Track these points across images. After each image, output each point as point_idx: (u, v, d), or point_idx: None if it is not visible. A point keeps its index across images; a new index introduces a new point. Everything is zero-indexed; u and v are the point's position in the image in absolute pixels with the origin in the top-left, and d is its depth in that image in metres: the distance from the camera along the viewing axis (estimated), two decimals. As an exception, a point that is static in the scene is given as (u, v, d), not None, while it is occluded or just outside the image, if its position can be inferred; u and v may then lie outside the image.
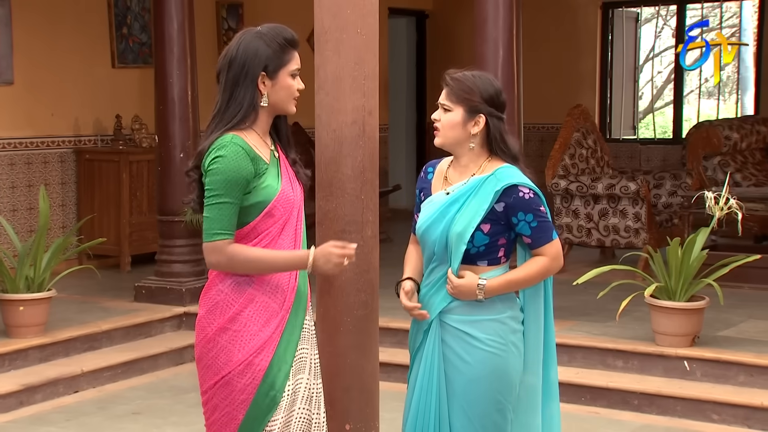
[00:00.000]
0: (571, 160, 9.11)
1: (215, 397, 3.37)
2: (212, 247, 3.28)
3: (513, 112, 6.78)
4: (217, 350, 3.34)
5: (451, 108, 3.44)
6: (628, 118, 13.30)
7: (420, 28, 13.42)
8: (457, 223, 3.41)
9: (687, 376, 6.24)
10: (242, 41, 3.36)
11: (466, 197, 3.43)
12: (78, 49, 9.14)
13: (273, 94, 3.36)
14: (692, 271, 6.31)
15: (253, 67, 3.32)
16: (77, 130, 9.18)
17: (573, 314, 7.24)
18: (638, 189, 8.47)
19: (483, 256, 3.44)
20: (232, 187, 3.25)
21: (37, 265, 6.69)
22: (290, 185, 3.40)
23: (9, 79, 8.64)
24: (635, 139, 13.17)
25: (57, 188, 9.03)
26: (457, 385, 3.45)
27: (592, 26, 12.73)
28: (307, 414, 3.44)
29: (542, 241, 3.43)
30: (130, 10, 9.54)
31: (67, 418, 6.05)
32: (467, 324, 3.44)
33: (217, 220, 3.26)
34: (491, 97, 3.44)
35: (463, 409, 3.44)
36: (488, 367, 3.42)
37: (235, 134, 3.30)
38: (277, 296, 3.36)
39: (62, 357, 6.74)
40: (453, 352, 3.45)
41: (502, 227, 3.42)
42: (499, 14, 6.69)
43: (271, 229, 3.34)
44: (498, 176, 3.42)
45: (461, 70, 3.49)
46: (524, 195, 3.39)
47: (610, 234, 8.69)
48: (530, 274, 3.45)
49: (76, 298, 7.84)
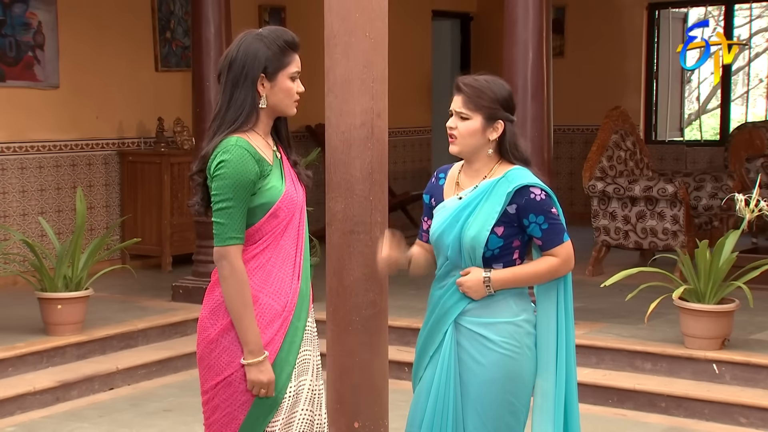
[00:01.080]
0: (609, 162, 9.09)
1: (216, 398, 3.39)
2: (225, 252, 3.30)
3: (542, 114, 6.80)
4: (220, 351, 3.37)
5: (469, 116, 3.43)
6: (674, 120, 13.21)
7: (464, 30, 13.45)
8: (471, 227, 3.42)
9: (716, 379, 6.22)
10: (243, 43, 3.39)
11: (478, 201, 3.44)
12: (122, 53, 9.32)
13: (272, 95, 3.38)
14: (721, 273, 6.28)
15: (252, 68, 3.34)
16: (121, 133, 9.37)
17: (605, 316, 7.24)
18: (676, 191, 8.43)
19: (498, 258, 3.44)
20: (240, 191, 3.27)
21: (75, 264, 6.84)
22: (293, 186, 3.43)
23: (55, 83, 8.85)
24: (681, 141, 13.08)
25: (101, 189, 9.22)
26: (471, 386, 3.46)
27: (638, 27, 12.66)
28: (310, 415, 3.45)
29: (553, 243, 3.44)
30: (174, 14, 9.71)
31: (101, 414, 6.19)
32: (482, 326, 3.45)
33: (228, 226, 3.28)
34: (507, 103, 3.46)
35: (476, 411, 3.46)
36: (502, 369, 3.43)
37: (239, 137, 3.32)
38: (279, 298, 3.37)
39: (99, 354, 6.89)
40: (467, 354, 3.47)
41: (516, 229, 3.43)
42: (528, 16, 6.71)
43: (275, 230, 3.36)
44: (509, 178, 3.43)
45: (472, 76, 3.48)
46: (536, 196, 3.41)
47: (647, 236, 8.66)
48: (537, 271, 3.46)
49: (116, 298, 8.01)
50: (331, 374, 4.08)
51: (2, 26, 8.48)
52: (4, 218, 8.50)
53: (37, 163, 8.76)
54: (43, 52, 8.76)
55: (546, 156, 6.85)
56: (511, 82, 6.78)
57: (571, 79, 12.86)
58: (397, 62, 11.83)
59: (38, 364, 6.58)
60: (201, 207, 3.44)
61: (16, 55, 8.59)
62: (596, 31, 12.74)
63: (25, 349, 6.55)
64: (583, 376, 6.35)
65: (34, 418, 6.12)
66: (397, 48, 12.14)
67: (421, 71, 12.69)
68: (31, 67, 8.69)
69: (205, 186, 3.40)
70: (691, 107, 19.55)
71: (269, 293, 3.37)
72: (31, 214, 8.63)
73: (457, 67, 13.58)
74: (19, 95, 8.62)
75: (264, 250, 3.38)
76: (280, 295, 3.38)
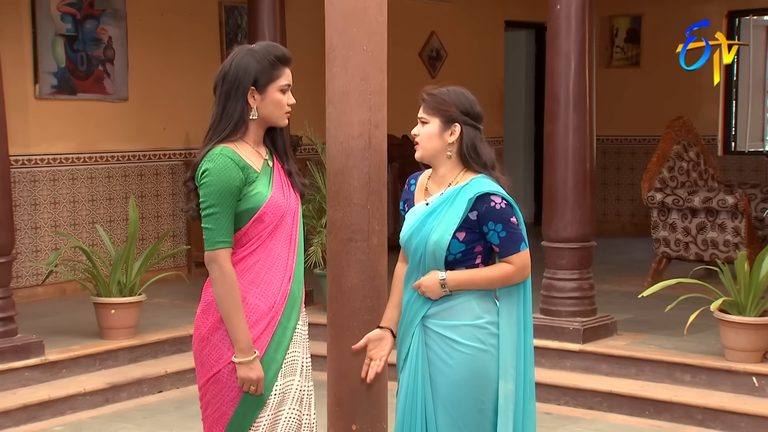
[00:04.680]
0: (670, 173, 9.00)
1: (208, 394, 3.57)
2: (214, 255, 3.47)
3: (584, 125, 6.81)
4: (210, 348, 3.54)
5: (427, 120, 3.59)
6: (756, 130, 12.97)
7: (539, 41, 13.43)
8: (435, 232, 3.55)
9: (755, 393, 6.13)
10: (235, 58, 3.59)
11: (442, 207, 3.57)
12: (190, 66, 9.59)
13: (262, 107, 3.55)
14: (762, 285, 6.20)
15: (243, 81, 3.53)
16: (188, 143, 9.64)
17: (650, 328, 7.20)
18: (736, 202, 8.31)
19: (460, 263, 3.55)
20: (225, 197, 3.44)
21: (129, 270, 7.09)
22: (281, 193, 3.57)
23: (124, 95, 9.16)
24: (762, 151, 12.83)
25: (167, 199, 9.50)
26: (441, 386, 3.58)
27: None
28: (297, 414, 3.60)
29: (510, 251, 3.54)
30: (241, 27, 9.96)
31: (146, 416, 6.40)
32: (448, 329, 3.57)
33: (216, 230, 3.45)
34: (465, 108, 3.58)
35: (446, 410, 3.58)
36: (469, 369, 3.54)
37: (225, 146, 3.50)
38: (266, 299, 3.52)
39: (150, 358, 7.11)
40: (436, 355, 3.59)
41: (477, 235, 3.54)
42: (571, 28, 6.73)
43: (261, 234, 3.52)
44: (472, 185, 3.55)
45: (437, 87, 3.63)
46: (495, 205, 3.50)
47: (708, 248, 8.55)
48: (492, 275, 3.55)
49: (173, 303, 8.25)
50: (330, 377, 4.19)
51: (74, 41, 8.82)
52: (73, 226, 8.84)
53: (106, 173, 9.08)
54: (113, 66, 9.08)
55: (588, 166, 6.85)
56: (553, 92, 6.84)
57: (647, 89, 12.75)
58: (469, 72, 12.04)
59: (91, 366, 6.83)
60: (195, 212, 3.61)
61: (87, 69, 8.92)
62: (674, 41, 12.56)
63: (78, 351, 6.82)
64: (621, 387, 6.38)
65: (82, 418, 6.36)
66: (469, 58, 12.37)
67: (494, 82, 12.73)
68: (101, 81, 9.02)
69: (197, 192, 3.56)
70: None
71: (256, 294, 3.52)
72: (100, 222, 8.94)
73: (531, 77, 13.59)
74: (90, 108, 8.96)
75: (252, 253, 3.54)
76: (267, 296, 3.53)
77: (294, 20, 8.29)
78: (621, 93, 12.79)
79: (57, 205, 8.77)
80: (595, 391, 6.41)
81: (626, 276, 9.33)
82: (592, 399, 6.43)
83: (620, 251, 10.60)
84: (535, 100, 13.54)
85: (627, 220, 12.91)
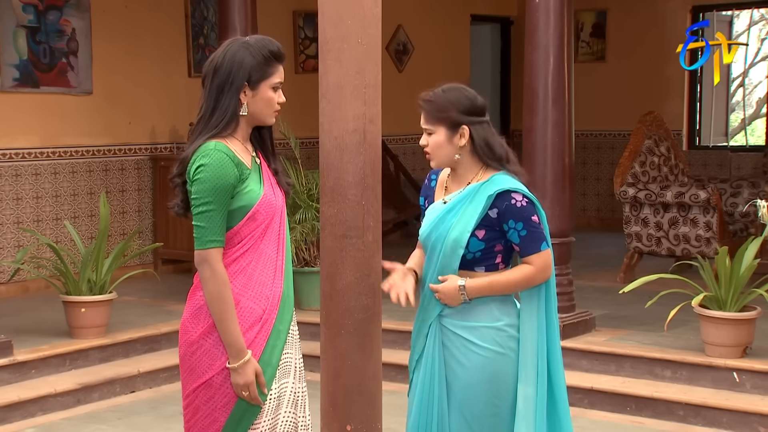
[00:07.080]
0: (642, 168, 8.99)
1: (197, 400, 3.42)
2: (205, 255, 3.33)
3: (563, 119, 6.74)
4: (201, 353, 3.40)
5: (432, 130, 3.51)
6: (720, 125, 13.03)
7: (504, 35, 13.41)
8: (454, 230, 3.47)
9: (736, 388, 6.12)
10: (229, 50, 3.44)
11: (462, 204, 3.49)
12: (156, 59, 9.42)
13: (252, 104, 3.43)
14: (743, 280, 6.18)
15: (238, 76, 3.39)
16: (153, 138, 9.47)
17: (629, 323, 7.17)
18: (709, 197, 8.31)
19: (480, 262, 3.47)
20: (219, 194, 3.31)
21: (99, 268, 6.93)
22: (272, 190, 3.48)
23: (88, 89, 8.97)
24: (726, 146, 12.90)
25: (134, 194, 9.32)
26: (456, 388, 3.51)
27: (681, 31, 12.49)
28: (293, 417, 3.52)
29: (530, 250, 3.44)
30: (207, 20, 9.80)
31: (119, 416, 6.25)
32: (465, 329, 3.49)
33: (209, 229, 3.31)
34: (466, 107, 3.49)
35: (461, 412, 3.50)
36: (486, 371, 3.46)
37: (218, 141, 3.36)
38: (260, 301, 3.42)
39: (122, 358, 6.96)
40: (452, 356, 3.51)
41: (497, 233, 3.45)
42: (549, 21, 6.66)
43: (254, 233, 3.41)
44: (492, 182, 3.47)
45: (431, 90, 3.53)
46: (516, 202, 3.42)
47: (680, 243, 8.55)
48: (512, 279, 3.46)
49: (143, 302, 8.09)
50: (324, 377, 4.08)
51: (36, 33, 8.62)
52: (37, 223, 8.64)
53: (71, 168, 8.89)
54: (77, 59, 8.88)
55: (567, 161, 6.79)
56: (532, 86, 6.77)
57: (612, 84, 12.76)
58: (435, 66, 11.96)
59: (61, 366, 6.67)
60: (181, 209, 3.49)
61: (50, 62, 8.72)
62: (638, 35, 12.62)
63: (48, 351, 6.65)
64: (602, 383, 6.34)
65: (54, 419, 6.21)
66: (435, 52, 12.29)
67: (460, 75, 12.65)
68: (64, 74, 8.83)
69: (185, 188, 3.43)
70: (749, 110, 19.32)
71: (250, 296, 3.41)
72: (64, 218, 8.75)
73: (497, 71, 13.56)
74: (53, 101, 8.76)
75: (244, 253, 3.42)
76: (261, 299, 3.42)
77: (264, 14, 8.14)
78: (586, 88, 12.78)
79: (20, 201, 8.57)
80: (576, 388, 6.35)
81: (598, 271, 9.31)
82: (573, 396, 6.32)
83: (589, 246, 10.58)
84: (500, 93, 13.50)
85: (593, 215, 12.92)
